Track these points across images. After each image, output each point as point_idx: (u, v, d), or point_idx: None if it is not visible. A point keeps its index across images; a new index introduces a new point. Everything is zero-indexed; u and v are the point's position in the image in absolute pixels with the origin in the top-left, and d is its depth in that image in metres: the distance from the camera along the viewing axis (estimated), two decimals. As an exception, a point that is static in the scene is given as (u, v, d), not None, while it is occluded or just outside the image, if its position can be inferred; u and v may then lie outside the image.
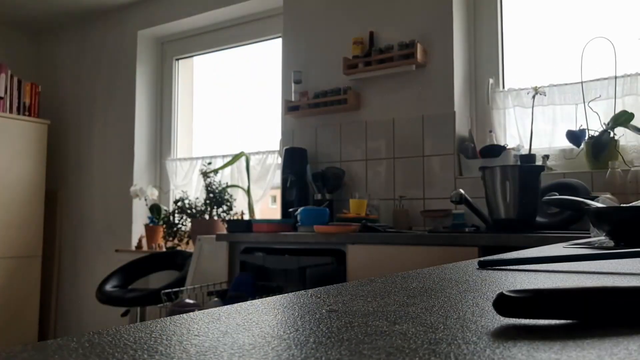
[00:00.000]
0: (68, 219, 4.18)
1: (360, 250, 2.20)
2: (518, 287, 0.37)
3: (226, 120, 3.83)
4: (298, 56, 3.19)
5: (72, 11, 4.16)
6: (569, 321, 0.28)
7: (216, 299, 2.38)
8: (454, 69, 2.73)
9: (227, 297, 2.36)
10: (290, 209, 2.77)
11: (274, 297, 0.38)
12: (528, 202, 2.16)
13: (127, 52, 4.02)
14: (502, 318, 0.29)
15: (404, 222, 2.65)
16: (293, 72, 3.13)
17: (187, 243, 3.58)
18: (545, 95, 2.56)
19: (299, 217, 2.57)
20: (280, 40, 3.37)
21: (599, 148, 2.37)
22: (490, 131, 2.72)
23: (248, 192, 3.34)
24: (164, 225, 3.55)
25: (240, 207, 3.46)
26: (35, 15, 4.24)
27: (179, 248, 3.55)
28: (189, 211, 3.40)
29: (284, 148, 3.03)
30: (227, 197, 3.34)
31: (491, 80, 2.77)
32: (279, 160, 3.30)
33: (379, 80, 2.91)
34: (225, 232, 2.86)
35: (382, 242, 2.16)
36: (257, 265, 2.55)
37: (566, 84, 2.58)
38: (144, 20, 3.96)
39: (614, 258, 0.58)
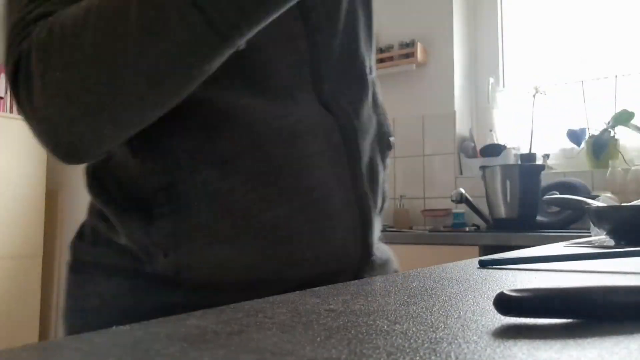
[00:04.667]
0: (68, 219, 4.18)
1: (360, 250, 2.20)
2: (519, 286, 0.37)
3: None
4: (298, 56, 3.19)
5: (72, 11, 4.15)
6: (569, 320, 0.28)
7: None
8: (454, 68, 2.73)
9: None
10: (291, 209, 2.76)
11: (273, 296, 0.38)
12: (528, 201, 2.16)
13: (127, 52, 4.02)
14: (502, 317, 0.29)
15: (404, 221, 2.65)
16: (293, 71, 3.13)
17: (188, 243, 3.58)
18: (545, 95, 2.56)
19: (299, 217, 2.57)
20: (280, 39, 3.37)
21: (600, 147, 2.37)
22: (491, 130, 2.72)
23: (248, 191, 3.33)
24: (164, 225, 3.55)
25: (240, 206, 3.46)
26: (35, 15, 4.23)
27: (179, 248, 3.55)
28: (189, 211, 3.39)
29: (284, 148, 3.03)
30: (227, 196, 3.34)
31: (491, 80, 2.76)
32: (279, 160, 3.29)
33: (379, 79, 2.90)
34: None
35: (382, 241, 2.16)
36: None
37: (567, 83, 2.58)
38: (144, 20, 3.96)
39: (614, 257, 0.58)
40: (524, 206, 2.16)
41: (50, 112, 0.44)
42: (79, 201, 4.16)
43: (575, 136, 2.47)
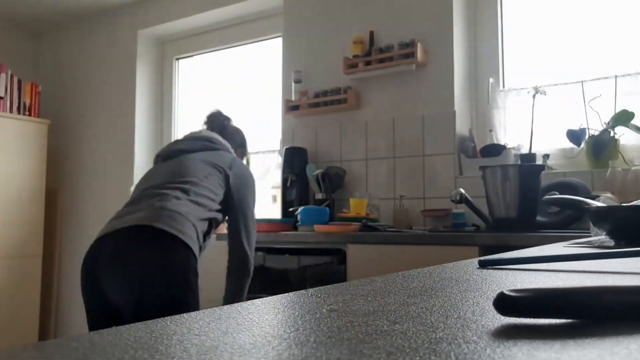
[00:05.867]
0: (68, 219, 4.18)
1: (360, 250, 2.20)
2: (518, 287, 0.37)
3: (226, 119, 3.82)
4: (298, 56, 3.19)
5: (72, 11, 4.15)
6: (569, 320, 0.28)
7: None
8: (454, 69, 2.73)
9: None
10: (291, 209, 2.77)
11: (274, 296, 0.38)
12: (528, 202, 2.16)
13: (127, 51, 4.02)
14: (502, 317, 0.29)
15: (404, 221, 2.65)
16: (293, 71, 3.13)
17: (188, 243, 3.58)
18: (545, 95, 2.56)
19: (299, 217, 2.57)
20: (280, 40, 3.37)
21: (600, 147, 2.37)
22: (491, 130, 2.72)
23: (248, 191, 3.33)
24: (164, 225, 3.54)
25: (240, 206, 3.45)
26: (35, 15, 4.24)
27: (179, 248, 3.54)
28: (189, 211, 3.39)
29: (284, 147, 3.03)
30: (227, 196, 3.34)
31: (491, 80, 2.76)
32: (279, 160, 3.30)
33: (379, 79, 2.91)
34: (225, 232, 2.86)
35: (383, 241, 2.16)
36: (257, 265, 2.55)
37: (566, 83, 2.58)
38: (144, 20, 3.96)
39: (614, 257, 0.58)
40: (524, 206, 2.16)
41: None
42: (79, 201, 4.16)
43: (575, 136, 2.47)
